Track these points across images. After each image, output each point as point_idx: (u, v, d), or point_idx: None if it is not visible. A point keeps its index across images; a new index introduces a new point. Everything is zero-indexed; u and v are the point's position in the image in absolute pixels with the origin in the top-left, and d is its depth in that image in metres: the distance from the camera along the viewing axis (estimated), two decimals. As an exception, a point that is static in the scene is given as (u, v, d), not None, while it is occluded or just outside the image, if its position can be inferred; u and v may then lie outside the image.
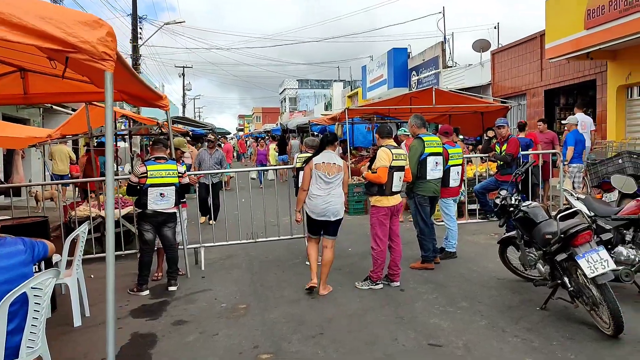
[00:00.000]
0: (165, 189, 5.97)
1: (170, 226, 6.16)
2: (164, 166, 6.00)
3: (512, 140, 7.69)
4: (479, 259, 6.99)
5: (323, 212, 5.59)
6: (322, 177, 5.59)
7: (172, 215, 6.14)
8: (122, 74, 4.02)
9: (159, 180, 5.93)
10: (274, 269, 6.93)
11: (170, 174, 6.02)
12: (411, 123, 6.58)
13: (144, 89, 5.59)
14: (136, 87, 5.41)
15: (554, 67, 15.52)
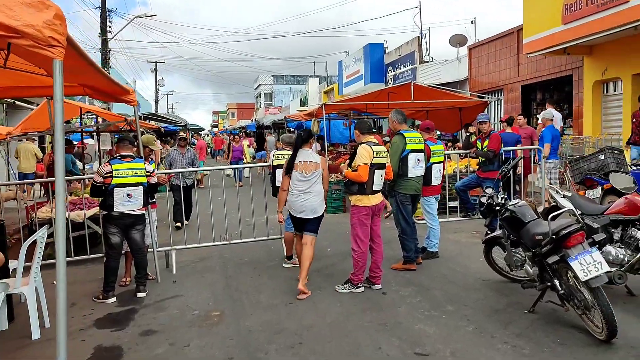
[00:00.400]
0: (133, 189, 5.60)
1: (139, 229, 5.79)
2: (131, 165, 5.63)
3: (493, 136, 7.51)
4: (462, 258, 6.79)
5: (301, 208, 5.61)
6: (299, 176, 5.60)
7: (141, 217, 5.77)
8: (79, 64, 3.65)
9: (126, 180, 5.56)
10: (250, 272, 6.61)
11: (137, 173, 5.65)
12: (392, 118, 6.33)
13: (108, 82, 5.21)
14: (99, 80, 5.04)
15: (530, 62, 15.48)
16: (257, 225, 7.81)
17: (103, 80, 4.97)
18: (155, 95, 54.68)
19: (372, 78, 25.69)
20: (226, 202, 7.48)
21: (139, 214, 5.72)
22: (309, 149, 5.72)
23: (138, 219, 5.74)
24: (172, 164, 9.80)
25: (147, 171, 5.80)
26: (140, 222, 5.79)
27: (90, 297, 5.76)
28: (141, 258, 5.87)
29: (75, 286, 6.31)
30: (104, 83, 5.23)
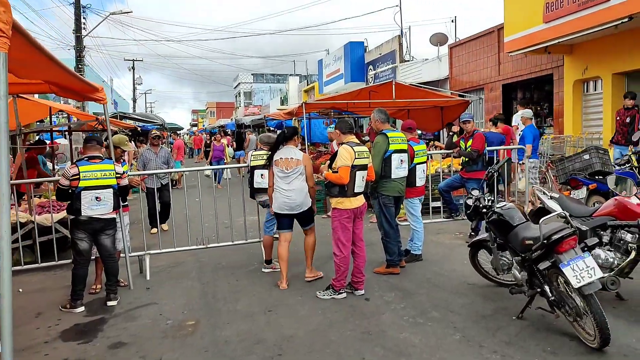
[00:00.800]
0: (102, 192, 5.30)
1: (109, 233, 5.49)
2: (99, 166, 5.33)
3: (477, 135, 7.36)
4: (446, 261, 6.62)
5: (284, 205, 5.77)
6: (280, 172, 5.75)
7: (111, 221, 5.47)
8: (36, 58, 3.36)
9: (94, 183, 5.26)
10: (228, 277, 6.35)
11: (106, 175, 5.35)
12: (374, 118, 6.12)
13: (74, 79, 4.91)
14: (62, 76, 4.73)
15: (511, 61, 15.45)
16: (235, 228, 7.55)
17: (67, 76, 4.67)
18: (133, 94, 53.90)
19: (353, 77, 25.53)
20: (203, 204, 7.21)
21: (108, 218, 5.42)
22: (292, 146, 5.86)
23: (108, 223, 5.44)
24: (145, 164, 9.23)
25: (117, 173, 5.50)
26: (111, 226, 5.49)
27: (57, 306, 5.44)
28: (112, 264, 5.56)
29: (41, 294, 5.99)
30: (69, 80, 4.93)
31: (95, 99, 5.71)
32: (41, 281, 6.52)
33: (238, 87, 62.98)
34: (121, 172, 5.58)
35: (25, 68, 4.27)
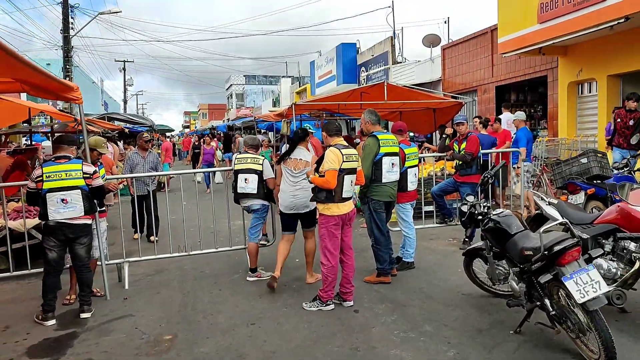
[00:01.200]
0: (68, 194, 4.94)
1: (83, 243, 5.14)
2: (64, 166, 4.98)
3: (471, 138, 7.09)
4: (439, 269, 6.34)
5: (291, 204, 5.74)
6: (289, 172, 5.76)
7: (83, 228, 5.12)
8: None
9: (59, 184, 4.93)
10: (210, 287, 6.03)
11: (72, 175, 4.98)
12: (365, 119, 5.84)
13: (42, 77, 4.59)
14: (30, 74, 4.42)
15: (505, 62, 15.25)
16: (220, 234, 7.24)
17: (34, 74, 4.36)
18: (124, 95, 53.45)
19: (345, 78, 25.31)
20: (186, 209, 6.89)
21: (79, 223, 5.06)
22: (303, 148, 5.87)
23: (80, 230, 5.08)
24: (132, 169, 8.52)
25: (85, 172, 5.07)
26: (84, 234, 5.14)
27: (28, 319, 5.12)
28: (85, 274, 5.22)
29: (12, 305, 5.65)
30: (38, 78, 4.61)
31: (70, 99, 5.40)
32: (13, 290, 6.17)
33: (230, 89, 62.61)
34: (91, 172, 5.13)
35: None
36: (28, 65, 4.08)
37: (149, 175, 8.13)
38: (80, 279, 5.24)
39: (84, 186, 5.05)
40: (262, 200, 6.18)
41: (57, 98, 5.48)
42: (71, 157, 5.11)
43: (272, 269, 6.44)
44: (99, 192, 5.29)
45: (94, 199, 5.23)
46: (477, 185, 7.11)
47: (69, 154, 5.11)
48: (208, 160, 16.44)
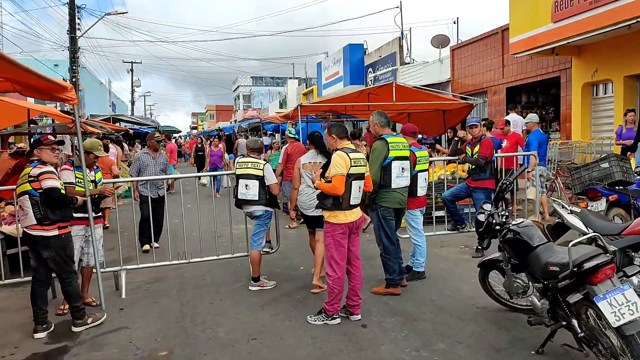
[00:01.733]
0: (21, 200, 4.66)
1: (46, 256, 4.63)
2: (26, 170, 4.70)
3: (485, 141, 6.78)
4: (451, 278, 6.02)
5: (312, 206, 5.67)
6: (309, 176, 5.75)
7: (39, 240, 4.59)
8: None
9: (17, 190, 4.71)
10: (210, 296, 5.75)
11: (23, 180, 4.63)
12: (373, 121, 5.54)
13: (32, 76, 4.33)
14: (16, 73, 4.16)
15: (516, 63, 14.88)
16: (222, 239, 6.95)
17: (22, 73, 4.10)
18: (131, 96, 53.38)
19: (352, 80, 25.01)
20: (187, 214, 6.61)
21: (33, 235, 4.58)
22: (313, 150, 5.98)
23: (35, 242, 4.62)
24: (141, 170, 7.98)
25: (31, 175, 4.57)
26: (41, 247, 4.60)
27: (19, 330, 4.87)
28: (64, 287, 4.83)
29: (3, 315, 5.40)
30: (26, 77, 4.35)
31: (64, 99, 5.11)
32: (5, 299, 5.92)
33: (237, 90, 62.49)
34: (36, 174, 4.55)
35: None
36: (13, 63, 3.82)
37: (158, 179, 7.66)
38: (63, 292, 4.91)
39: (32, 191, 4.56)
40: (265, 207, 5.88)
41: (51, 98, 5.22)
42: (36, 159, 4.74)
43: (275, 277, 6.20)
44: (52, 196, 4.54)
45: (50, 206, 4.58)
46: (491, 190, 6.82)
47: (36, 157, 4.76)
48: (215, 162, 15.26)
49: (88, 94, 39.18)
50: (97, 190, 5.44)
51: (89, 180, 5.41)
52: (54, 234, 4.65)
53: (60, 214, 4.66)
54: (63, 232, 4.73)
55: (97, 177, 5.61)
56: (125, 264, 6.27)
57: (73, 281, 4.83)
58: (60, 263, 4.71)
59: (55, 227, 4.65)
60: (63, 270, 4.76)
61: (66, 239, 4.78)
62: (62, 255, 4.71)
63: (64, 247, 4.74)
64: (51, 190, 4.55)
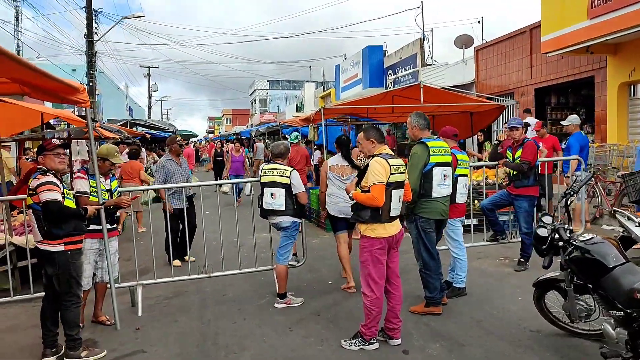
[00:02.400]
0: (29, 214, 4.33)
1: (49, 272, 4.23)
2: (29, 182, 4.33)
3: (528, 144, 6.25)
4: (496, 296, 5.50)
5: (344, 209, 5.66)
6: (337, 178, 5.95)
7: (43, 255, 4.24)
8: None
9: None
10: (233, 314, 5.30)
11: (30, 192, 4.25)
12: (412, 123, 5.06)
13: (40, 76, 3.94)
14: (23, 72, 3.77)
15: (545, 63, 14.27)
16: (245, 249, 6.50)
17: (29, 73, 3.71)
18: (149, 100, 53.53)
19: (372, 82, 24.53)
20: (207, 222, 6.20)
21: (40, 249, 4.23)
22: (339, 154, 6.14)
23: (43, 257, 4.25)
24: (168, 178, 7.35)
25: (30, 188, 4.20)
26: (48, 263, 4.22)
27: (25, 353, 4.48)
28: (63, 310, 4.27)
29: (11, 335, 5.01)
30: (33, 77, 3.96)
31: (76, 102, 4.73)
32: (16, 315, 5.54)
33: (254, 94, 62.35)
34: (34, 186, 4.16)
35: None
36: (20, 62, 3.43)
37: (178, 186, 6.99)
38: (60, 316, 4.37)
39: (34, 205, 4.18)
40: (292, 217, 5.42)
41: (62, 101, 4.84)
42: (40, 169, 4.33)
43: (302, 292, 5.75)
44: (50, 209, 4.10)
45: (50, 220, 4.14)
46: (535, 198, 6.31)
47: (42, 166, 4.34)
48: (237, 169, 13.93)
49: (105, 99, 39.25)
50: (113, 200, 5.03)
51: (104, 189, 5.04)
52: (59, 249, 4.20)
53: (66, 228, 4.21)
54: (70, 248, 4.26)
55: (112, 185, 5.21)
56: (141, 276, 5.88)
57: (73, 306, 4.30)
58: (63, 283, 4.23)
59: (61, 242, 4.21)
60: (65, 290, 4.25)
61: (73, 256, 4.29)
62: (66, 274, 4.24)
63: (69, 265, 4.25)
64: (49, 203, 4.10)
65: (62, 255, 4.21)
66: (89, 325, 5.08)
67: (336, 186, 5.91)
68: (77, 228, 4.30)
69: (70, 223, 4.23)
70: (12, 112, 7.41)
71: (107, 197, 5.01)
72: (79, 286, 4.38)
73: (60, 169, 4.42)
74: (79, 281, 4.36)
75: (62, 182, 4.34)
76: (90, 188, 4.89)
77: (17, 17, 29.50)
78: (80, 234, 4.36)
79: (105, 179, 5.10)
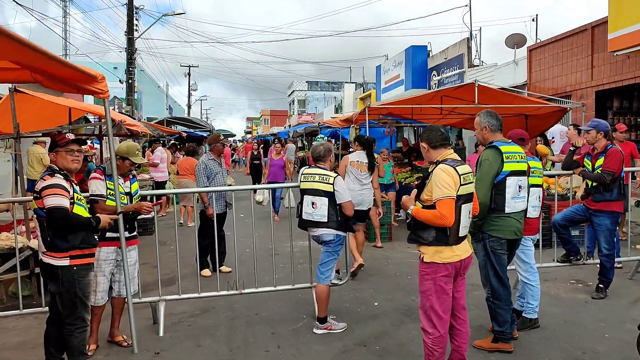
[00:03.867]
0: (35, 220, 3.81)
1: (54, 290, 3.64)
2: None
3: (612, 152, 5.34)
4: (575, 331, 4.63)
5: (360, 202, 6.23)
6: (357, 173, 6.49)
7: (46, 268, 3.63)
8: None
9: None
10: (266, 340, 4.61)
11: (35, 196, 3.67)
12: (481, 124, 4.26)
13: (52, 62, 3.35)
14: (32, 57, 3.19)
15: (609, 64, 13.12)
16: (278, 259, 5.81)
17: (38, 57, 3.12)
18: (188, 100, 53.82)
19: (414, 83, 23.65)
20: (239, 228, 5.53)
21: (44, 262, 3.61)
22: (362, 151, 6.63)
23: (45, 271, 3.66)
24: (209, 179, 6.75)
25: (36, 191, 3.60)
26: (49, 278, 3.64)
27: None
28: (67, 334, 3.66)
29: (17, 353, 4.46)
30: (44, 62, 3.37)
31: (93, 92, 4.15)
32: (26, 330, 5.00)
33: (292, 95, 62.05)
34: (39, 189, 3.57)
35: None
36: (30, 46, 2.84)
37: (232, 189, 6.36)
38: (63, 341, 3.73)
39: (38, 210, 3.59)
40: (336, 230, 4.69)
41: (78, 90, 4.25)
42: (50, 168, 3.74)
43: (344, 315, 5.05)
44: (54, 217, 3.49)
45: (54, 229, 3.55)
46: (618, 214, 5.42)
47: (53, 165, 3.76)
48: (275, 174, 11.28)
49: (146, 97, 39.51)
50: (132, 206, 4.43)
51: (123, 192, 4.44)
52: (63, 263, 3.58)
53: (73, 240, 3.58)
54: (76, 263, 3.62)
55: (133, 188, 4.61)
56: (166, 287, 5.27)
57: (77, 331, 3.67)
58: (66, 303, 3.61)
59: (66, 256, 3.58)
60: (68, 312, 3.62)
61: (79, 272, 3.65)
62: (70, 294, 3.60)
63: (75, 283, 3.62)
64: (53, 210, 3.48)
65: (67, 271, 3.58)
66: (103, 345, 4.51)
67: (354, 181, 6.41)
68: (85, 241, 3.65)
69: (78, 234, 3.59)
70: (38, 106, 6.97)
71: (126, 201, 4.41)
72: (85, 308, 3.73)
73: (72, 169, 3.81)
74: (85, 302, 3.71)
75: (73, 184, 3.73)
76: (107, 191, 4.30)
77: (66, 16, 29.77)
78: (89, 247, 3.73)
79: (124, 181, 4.50)
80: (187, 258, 6.69)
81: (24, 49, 3.09)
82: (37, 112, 7.32)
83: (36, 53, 3.19)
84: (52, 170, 3.68)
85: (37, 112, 7.32)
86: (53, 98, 7.72)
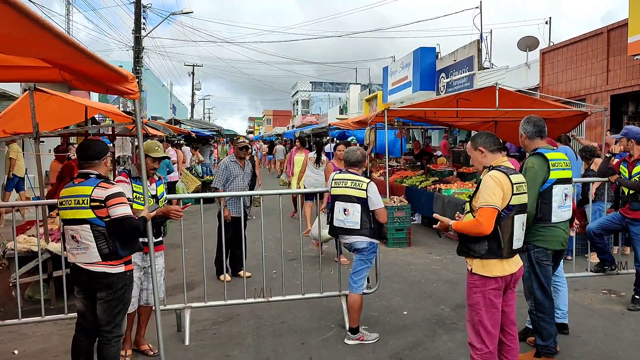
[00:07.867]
0: (77, 230, 3.39)
1: (102, 298, 3.46)
2: (78, 189, 3.44)
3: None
4: (615, 344, 4.47)
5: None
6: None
7: (102, 278, 3.41)
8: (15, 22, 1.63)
9: (68, 215, 3.43)
10: (295, 351, 4.46)
11: (80, 203, 3.39)
12: (519, 132, 4.12)
13: (84, 58, 3.19)
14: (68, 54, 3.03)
15: (625, 67, 12.96)
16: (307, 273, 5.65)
17: (70, 51, 2.95)
18: (192, 99, 53.67)
19: (422, 85, 23.51)
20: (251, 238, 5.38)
21: (96, 271, 3.40)
22: None
23: (97, 281, 3.42)
24: (229, 181, 6.62)
25: (94, 199, 3.36)
26: (102, 287, 3.43)
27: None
28: (105, 344, 3.50)
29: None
30: (75, 59, 3.21)
31: (123, 92, 3.97)
32: (46, 336, 4.84)
33: (296, 95, 61.93)
34: (103, 197, 3.36)
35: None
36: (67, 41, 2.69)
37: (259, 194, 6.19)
38: (98, 351, 3.57)
39: (95, 219, 3.37)
40: (369, 238, 4.53)
41: (108, 91, 4.10)
42: (93, 174, 3.51)
43: (374, 325, 4.92)
44: (122, 227, 3.38)
45: (120, 239, 3.44)
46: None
47: (93, 170, 3.53)
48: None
49: (150, 96, 39.35)
50: (161, 209, 4.27)
51: (149, 195, 4.28)
52: (119, 270, 3.46)
53: (133, 247, 3.57)
54: (129, 269, 3.56)
55: (158, 191, 4.46)
56: (189, 292, 5.11)
57: (114, 340, 3.52)
58: (112, 309, 3.46)
59: (121, 263, 3.48)
60: (110, 320, 3.47)
61: (131, 278, 3.61)
62: (120, 300, 3.49)
63: (126, 289, 3.53)
64: (125, 220, 3.37)
65: (122, 277, 3.48)
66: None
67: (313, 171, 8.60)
68: (137, 247, 3.67)
69: (138, 241, 3.61)
70: (56, 105, 6.81)
71: (152, 204, 4.26)
72: (125, 316, 3.64)
73: (106, 175, 3.68)
74: (126, 309, 3.63)
75: None
76: (133, 194, 4.15)
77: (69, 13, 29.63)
78: (137, 251, 3.75)
79: (150, 183, 4.35)
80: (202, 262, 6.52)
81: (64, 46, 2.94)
82: (54, 112, 7.16)
83: (75, 51, 3.04)
84: (101, 177, 3.53)
85: (54, 112, 7.16)
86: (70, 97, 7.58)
